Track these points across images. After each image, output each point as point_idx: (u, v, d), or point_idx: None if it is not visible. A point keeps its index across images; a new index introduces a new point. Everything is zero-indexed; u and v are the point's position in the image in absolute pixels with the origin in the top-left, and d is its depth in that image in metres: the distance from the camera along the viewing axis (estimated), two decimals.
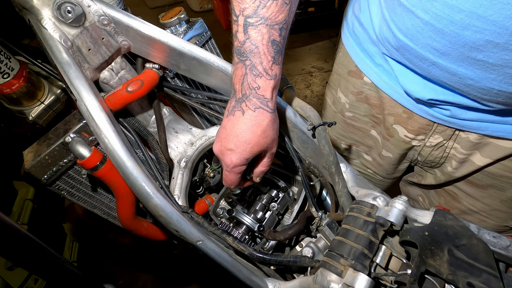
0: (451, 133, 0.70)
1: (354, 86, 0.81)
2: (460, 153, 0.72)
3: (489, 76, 0.51)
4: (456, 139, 0.71)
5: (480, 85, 0.53)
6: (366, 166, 0.97)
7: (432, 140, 0.74)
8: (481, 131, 0.65)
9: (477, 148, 0.69)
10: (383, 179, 0.97)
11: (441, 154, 0.76)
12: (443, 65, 0.55)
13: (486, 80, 0.52)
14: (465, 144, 0.70)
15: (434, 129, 0.71)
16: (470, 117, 0.64)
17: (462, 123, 0.66)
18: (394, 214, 0.47)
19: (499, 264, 0.44)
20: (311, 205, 0.63)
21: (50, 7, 0.55)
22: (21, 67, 0.76)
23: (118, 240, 1.85)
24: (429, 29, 0.52)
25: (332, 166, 0.61)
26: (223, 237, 0.61)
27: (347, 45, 0.79)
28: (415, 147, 0.78)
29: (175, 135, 0.76)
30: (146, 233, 0.68)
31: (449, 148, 0.74)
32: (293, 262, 0.57)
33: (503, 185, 0.73)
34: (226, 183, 0.58)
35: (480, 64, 0.51)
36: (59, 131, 0.60)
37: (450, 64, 0.54)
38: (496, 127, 0.63)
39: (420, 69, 0.60)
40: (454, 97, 0.61)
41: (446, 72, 0.56)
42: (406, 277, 0.43)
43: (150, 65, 0.67)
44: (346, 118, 0.89)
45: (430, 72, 0.59)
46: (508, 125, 0.62)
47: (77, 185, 0.66)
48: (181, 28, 0.73)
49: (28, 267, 0.77)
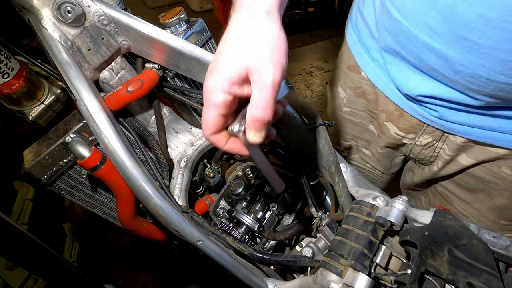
0: (440, 134, 0.71)
1: (352, 81, 0.82)
2: (447, 155, 0.73)
3: (479, 62, 0.51)
4: (446, 141, 0.73)
5: (470, 72, 0.53)
6: (365, 161, 0.98)
7: (422, 139, 0.75)
8: (468, 135, 0.66)
9: (463, 150, 0.71)
10: (381, 174, 0.99)
11: (431, 153, 0.78)
12: (435, 47, 0.54)
13: (475, 66, 0.52)
14: (452, 146, 0.71)
15: (424, 129, 0.73)
16: (457, 120, 0.65)
17: (449, 126, 0.67)
18: (394, 214, 0.47)
19: (499, 264, 0.44)
20: (311, 205, 0.63)
21: (50, 7, 0.55)
22: (21, 67, 0.76)
23: (118, 240, 1.85)
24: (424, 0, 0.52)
25: (332, 166, 0.61)
26: (223, 237, 0.61)
27: (349, 40, 0.81)
28: (407, 145, 0.80)
29: (175, 135, 0.76)
30: (146, 233, 0.68)
31: (438, 148, 0.75)
32: (293, 262, 0.57)
33: (491, 191, 0.74)
34: (202, 126, 0.44)
35: (471, 47, 0.50)
36: (59, 131, 0.60)
37: (442, 46, 0.54)
38: (482, 133, 0.64)
39: (412, 56, 0.60)
40: (442, 91, 0.61)
41: (437, 56, 0.55)
42: (406, 277, 0.43)
43: (150, 65, 0.67)
44: (344, 113, 0.90)
45: (421, 58, 0.58)
46: (493, 132, 0.63)
47: (77, 185, 0.66)
48: (181, 28, 0.73)
49: (28, 267, 0.77)
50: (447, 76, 0.57)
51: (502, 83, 0.51)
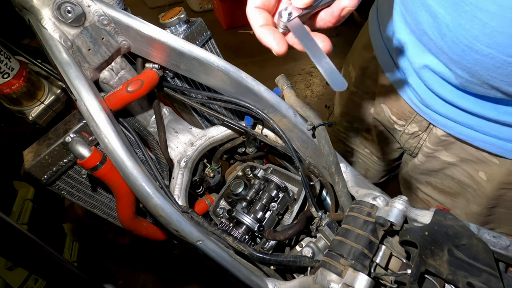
0: (426, 125, 0.74)
1: (363, 60, 0.85)
2: (427, 147, 0.76)
3: (460, 22, 0.51)
4: (429, 133, 0.75)
5: (452, 35, 0.53)
6: (364, 146, 1.01)
7: (410, 128, 0.78)
8: (447, 129, 0.69)
9: (443, 146, 0.73)
10: (377, 160, 1.01)
11: (416, 144, 0.81)
12: (429, 3, 0.55)
13: (457, 27, 0.52)
14: (433, 139, 0.74)
15: (413, 117, 0.75)
16: (441, 111, 0.67)
17: (433, 116, 0.70)
18: (394, 214, 0.47)
19: (499, 264, 0.44)
20: (311, 205, 0.63)
21: (50, 7, 0.54)
22: (21, 67, 0.76)
23: (118, 240, 1.85)
24: None
25: (332, 166, 0.61)
26: (223, 237, 0.61)
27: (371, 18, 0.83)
28: (397, 131, 0.83)
29: (175, 135, 0.76)
30: (146, 233, 0.68)
31: (422, 140, 0.78)
32: (293, 262, 0.57)
33: (468, 197, 0.76)
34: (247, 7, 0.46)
35: (456, 3, 0.50)
36: (59, 131, 0.60)
37: (434, 2, 0.54)
38: (461, 129, 0.67)
39: (411, 17, 0.61)
40: (431, 61, 0.62)
41: (430, 15, 0.56)
42: (406, 277, 0.43)
43: (150, 65, 0.67)
44: (350, 94, 0.93)
45: (416, 17, 0.60)
46: (470, 130, 0.65)
47: (77, 185, 0.66)
48: (181, 28, 0.73)
49: (28, 267, 0.77)
50: (435, 42, 0.58)
51: (478, 53, 0.51)
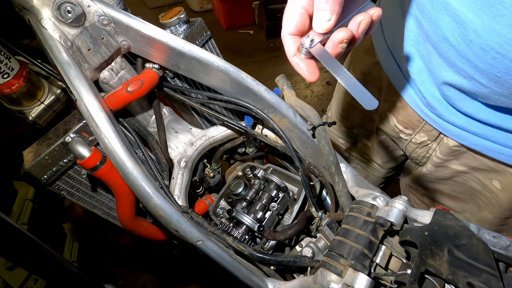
0: (436, 135, 0.71)
1: (365, 65, 0.82)
2: (437, 158, 0.73)
3: (494, 27, 0.46)
4: (440, 143, 0.72)
5: (482, 41, 0.49)
6: (364, 151, 0.98)
7: (418, 137, 0.75)
8: (461, 139, 0.66)
9: (455, 156, 0.70)
10: (378, 167, 0.99)
11: (424, 153, 0.77)
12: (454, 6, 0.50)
13: (489, 32, 0.47)
14: (444, 149, 0.70)
15: (422, 126, 0.72)
16: (454, 121, 0.64)
17: (446, 127, 0.66)
18: (394, 214, 0.47)
19: (499, 264, 0.44)
20: (311, 205, 0.63)
21: (50, 7, 0.54)
22: (21, 67, 0.76)
23: (118, 240, 1.85)
24: None
25: (332, 166, 0.61)
26: (223, 237, 0.61)
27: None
28: (403, 140, 0.80)
29: (175, 135, 0.76)
30: (146, 233, 0.68)
31: (432, 149, 0.75)
32: (293, 262, 0.57)
33: (480, 203, 0.74)
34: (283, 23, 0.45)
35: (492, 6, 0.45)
36: (59, 131, 0.60)
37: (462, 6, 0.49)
38: (475, 140, 0.63)
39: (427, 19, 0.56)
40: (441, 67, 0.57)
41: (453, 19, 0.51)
42: (406, 277, 0.43)
43: (150, 65, 0.67)
44: (350, 98, 0.90)
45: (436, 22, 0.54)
46: (486, 140, 0.62)
47: (77, 185, 0.66)
48: (181, 28, 0.73)
49: (28, 267, 0.77)
50: (457, 48, 0.52)
51: None
